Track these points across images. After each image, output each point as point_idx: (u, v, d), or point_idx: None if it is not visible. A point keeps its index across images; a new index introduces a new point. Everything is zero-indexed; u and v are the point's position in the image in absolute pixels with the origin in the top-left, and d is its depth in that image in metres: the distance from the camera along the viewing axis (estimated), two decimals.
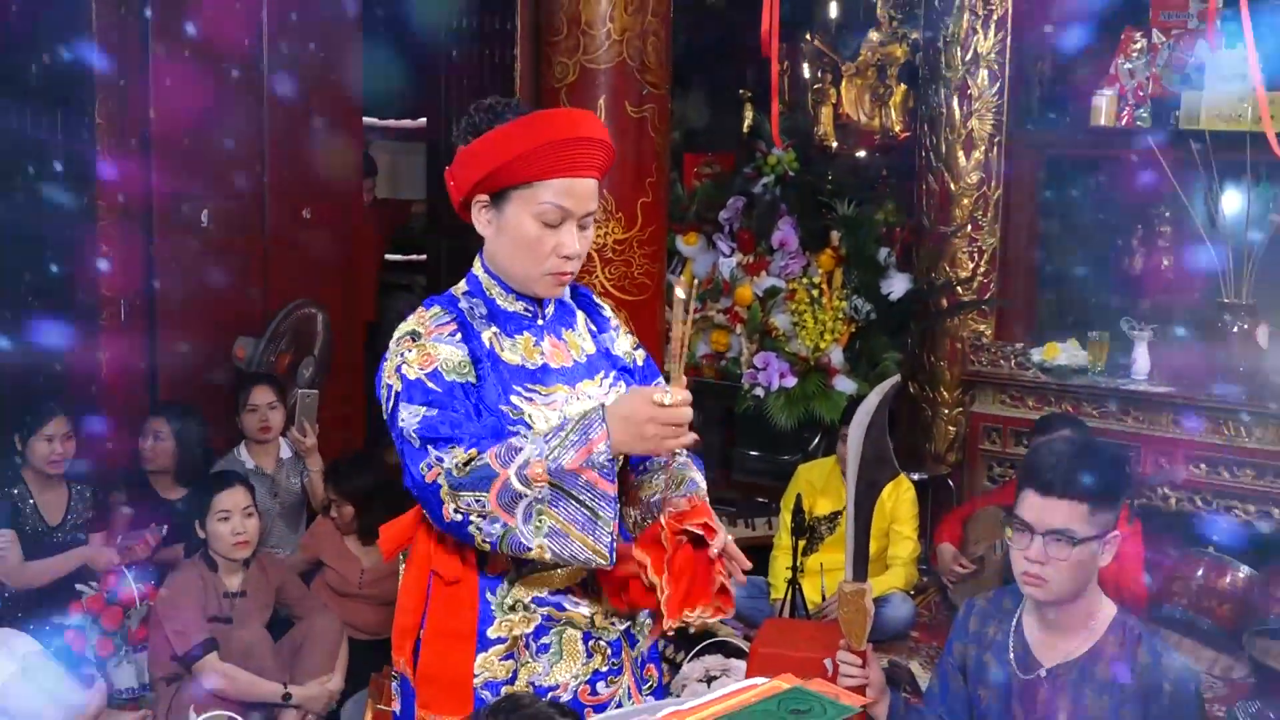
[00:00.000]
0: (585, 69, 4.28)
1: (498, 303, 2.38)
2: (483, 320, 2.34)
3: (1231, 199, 5.61)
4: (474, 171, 2.29)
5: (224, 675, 4.07)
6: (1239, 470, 5.26)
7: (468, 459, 2.15)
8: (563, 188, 2.26)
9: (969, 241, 6.08)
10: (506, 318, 2.37)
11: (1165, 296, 6.06)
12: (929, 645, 5.07)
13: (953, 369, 6.14)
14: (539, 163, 2.24)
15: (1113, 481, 2.66)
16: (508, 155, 2.24)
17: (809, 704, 1.85)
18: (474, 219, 2.35)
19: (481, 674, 2.30)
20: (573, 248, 2.30)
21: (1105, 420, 5.53)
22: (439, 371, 2.24)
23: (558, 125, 2.27)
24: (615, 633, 2.41)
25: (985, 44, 5.93)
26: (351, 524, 4.64)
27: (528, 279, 2.34)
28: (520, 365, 2.32)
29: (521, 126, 2.25)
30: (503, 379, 2.29)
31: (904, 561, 5.16)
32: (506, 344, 2.33)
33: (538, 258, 2.30)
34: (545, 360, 2.36)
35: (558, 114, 2.39)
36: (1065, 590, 2.64)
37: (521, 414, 2.27)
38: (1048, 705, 2.70)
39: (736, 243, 6.44)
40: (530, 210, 2.27)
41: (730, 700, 1.95)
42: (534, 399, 2.30)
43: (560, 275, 2.33)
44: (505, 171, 2.25)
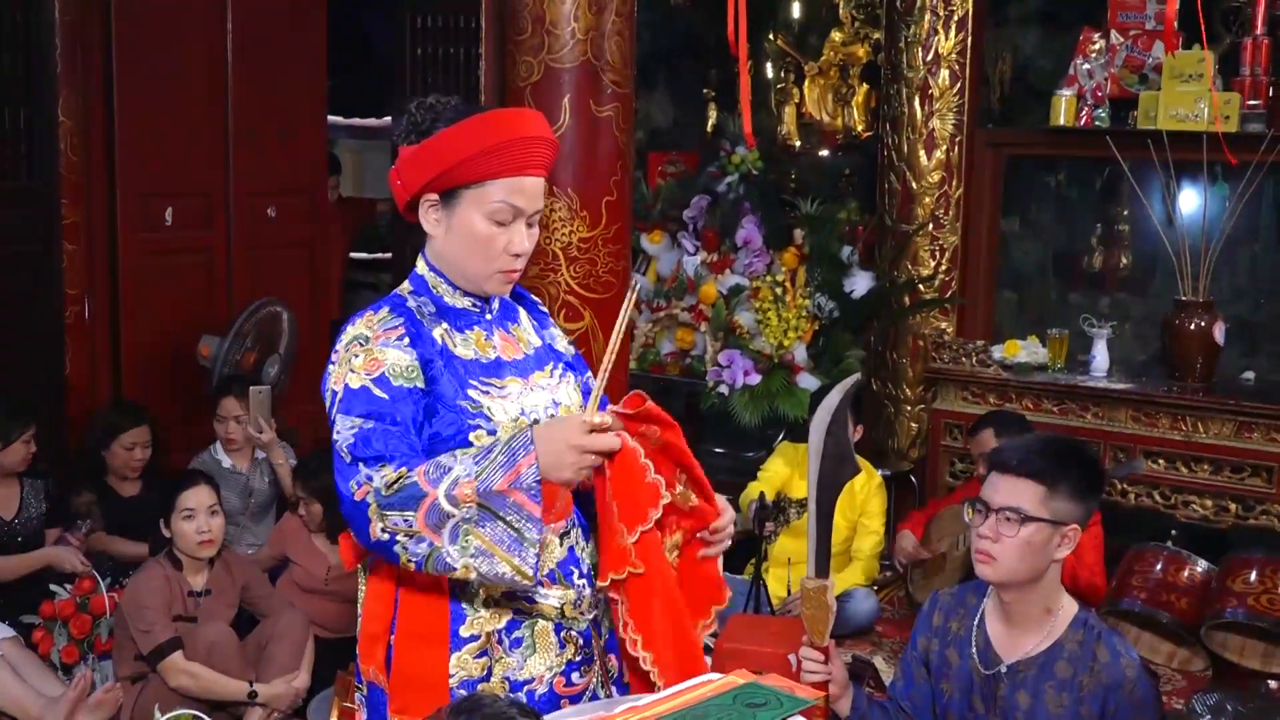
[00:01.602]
0: (550, 68, 4.26)
1: (445, 300, 2.37)
2: (432, 317, 2.33)
3: (1188, 198, 5.66)
4: (423, 172, 2.28)
5: (189, 674, 4.04)
6: (1196, 466, 5.30)
7: (396, 478, 2.13)
8: (514, 186, 2.27)
9: (931, 240, 6.10)
10: (456, 314, 2.36)
11: (1124, 294, 6.12)
12: (892, 640, 5.08)
13: (915, 366, 6.16)
14: (490, 162, 2.24)
15: (1076, 475, 2.68)
16: (459, 155, 2.23)
17: (764, 698, 1.85)
18: (421, 218, 2.34)
19: (457, 673, 2.29)
20: (522, 246, 2.31)
21: (1065, 416, 5.56)
22: (386, 376, 2.22)
23: (508, 125, 2.28)
24: (585, 622, 2.40)
25: (946, 45, 5.95)
26: (321, 522, 4.61)
27: (478, 277, 2.34)
28: (475, 359, 2.32)
29: (472, 126, 2.25)
30: (458, 374, 2.28)
31: (867, 555, 5.18)
32: (459, 339, 2.33)
33: (489, 256, 2.30)
34: (498, 354, 2.36)
35: (506, 114, 2.38)
36: (1015, 571, 2.66)
37: (480, 407, 2.27)
38: (1008, 700, 2.71)
39: (701, 241, 6.44)
40: (482, 209, 2.27)
41: (686, 695, 1.95)
42: (490, 391, 2.29)
43: (510, 273, 2.34)
44: (456, 171, 2.25)
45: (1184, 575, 4.71)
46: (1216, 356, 5.45)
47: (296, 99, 6.25)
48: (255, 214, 6.12)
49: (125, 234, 5.54)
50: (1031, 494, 2.65)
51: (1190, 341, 5.43)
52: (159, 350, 5.67)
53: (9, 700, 4.16)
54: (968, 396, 5.88)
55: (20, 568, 4.66)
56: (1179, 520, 5.30)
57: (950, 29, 5.92)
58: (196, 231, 5.89)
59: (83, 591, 4.45)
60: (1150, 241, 5.84)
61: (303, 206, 6.41)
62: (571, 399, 2.43)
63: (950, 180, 6.06)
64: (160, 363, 5.68)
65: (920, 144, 6.03)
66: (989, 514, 2.68)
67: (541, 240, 2.42)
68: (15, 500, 4.78)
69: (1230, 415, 5.23)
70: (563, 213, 4.25)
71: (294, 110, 6.22)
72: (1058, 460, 2.68)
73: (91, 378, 5.54)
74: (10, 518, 4.76)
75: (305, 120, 6.35)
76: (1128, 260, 6.09)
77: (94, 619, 4.40)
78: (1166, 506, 5.35)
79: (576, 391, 2.47)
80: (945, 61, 5.96)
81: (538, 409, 2.34)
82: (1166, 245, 5.52)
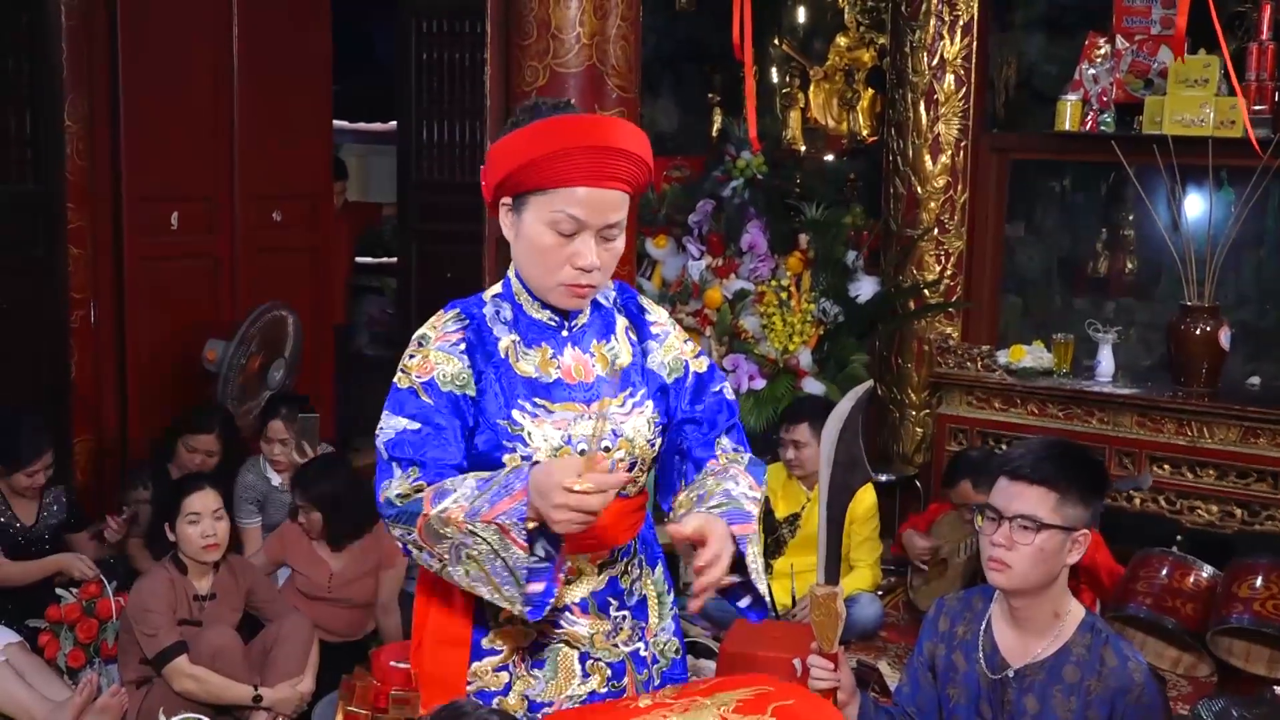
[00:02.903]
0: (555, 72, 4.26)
1: (525, 309, 2.28)
2: (505, 326, 2.26)
3: (1194, 203, 5.65)
4: (496, 172, 2.19)
5: (194, 677, 4.03)
6: (1201, 471, 5.29)
7: (411, 490, 2.12)
8: (579, 197, 2.13)
9: (936, 245, 6.10)
10: (530, 325, 2.27)
11: (1129, 299, 6.11)
12: (897, 645, 5.07)
13: (920, 371, 6.16)
14: (555, 168, 2.12)
15: (1084, 479, 2.67)
16: (526, 157, 2.13)
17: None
18: (500, 221, 2.26)
19: (474, 682, 2.27)
20: (589, 260, 2.16)
21: (1070, 421, 5.55)
22: (435, 382, 2.19)
23: (581, 131, 2.14)
24: (618, 655, 2.34)
25: (951, 50, 5.95)
26: (322, 530, 4.59)
27: (543, 289, 2.23)
28: (533, 378, 2.23)
29: (544, 129, 2.13)
30: (509, 390, 2.21)
31: (869, 563, 5.15)
32: (523, 352, 2.25)
33: (551, 267, 2.18)
34: (560, 375, 2.25)
35: (583, 119, 2.22)
36: (1028, 578, 2.65)
37: (521, 430, 2.19)
38: (1015, 705, 2.70)
39: (706, 246, 6.43)
40: (544, 217, 2.15)
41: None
42: (539, 415, 2.20)
43: (577, 288, 2.20)
44: (522, 174, 2.14)
45: (1189, 581, 4.69)
46: (1222, 362, 5.44)
47: (301, 104, 6.25)
48: (260, 218, 6.11)
49: (131, 238, 5.54)
50: (1044, 501, 2.63)
51: (1195, 347, 5.42)
52: (164, 354, 5.67)
53: (14, 705, 4.15)
54: (973, 401, 5.87)
55: (32, 574, 4.69)
56: (1185, 525, 5.28)
57: (955, 34, 5.92)
58: (202, 236, 5.88)
59: (89, 595, 4.45)
60: (1155, 246, 5.83)
61: (307, 211, 6.40)
62: (639, 432, 2.28)
63: (955, 185, 6.06)
64: (166, 367, 5.67)
65: (925, 149, 6.03)
66: (1001, 521, 2.66)
67: None
68: (35, 506, 4.81)
69: (1236, 420, 5.22)
70: None
71: (299, 115, 6.22)
72: (1066, 466, 2.67)
73: (97, 382, 5.54)
74: (30, 524, 4.79)
75: (310, 125, 6.35)
76: (1133, 265, 6.09)
77: (100, 623, 4.40)
78: (1172, 512, 5.34)
79: (650, 425, 2.30)
80: (950, 66, 5.95)
81: (587, 439, 2.20)
82: (1172, 250, 5.51)
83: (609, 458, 2.21)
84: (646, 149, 2.20)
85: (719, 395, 2.42)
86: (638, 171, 2.18)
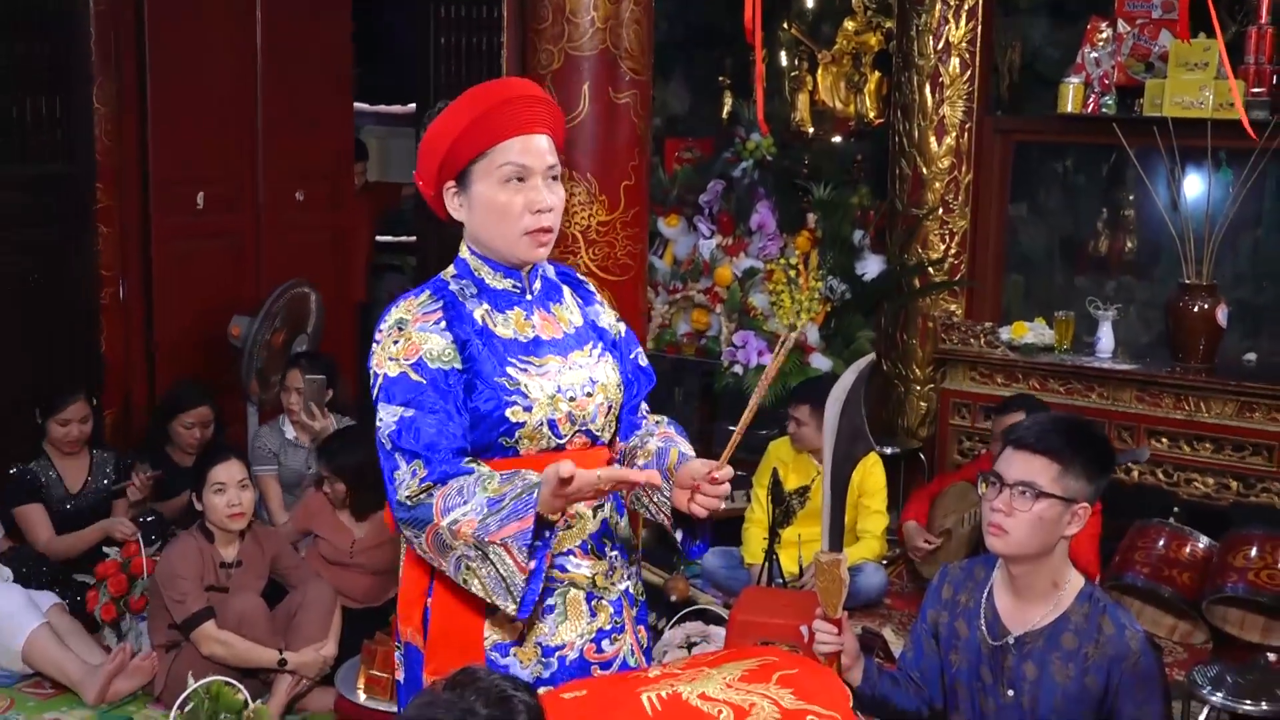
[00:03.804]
0: (570, 56, 4.25)
1: (487, 281, 2.36)
2: (474, 299, 2.33)
3: (1193, 183, 5.63)
4: (431, 160, 2.30)
5: (221, 642, 4.07)
6: (1198, 445, 5.28)
7: (420, 491, 2.17)
8: (515, 147, 2.26)
9: (940, 224, 6.08)
10: (496, 295, 2.35)
11: (1129, 278, 6.09)
12: (901, 612, 5.09)
13: (924, 347, 6.15)
14: (485, 130, 2.24)
15: (1088, 454, 2.67)
16: (454, 134, 2.24)
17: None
18: (448, 207, 2.35)
19: (491, 636, 2.31)
20: (544, 201, 2.27)
21: (1071, 396, 5.55)
22: (423, 360, 2.23)
23: (490, 92, 2.28)
24: (616, 593, 2.42)
25: (957, 33, 5.93)
26: (345, 499, 4.62)
27: (510, 245, 2.31)
28: (513, 338, 2.32)
29: (457, 106, 2.27)
30: (497, 353, 2.28)
31: (875, 534, 5.16)
32: (499, 319, 2.33)
33: (512, 219, 2.27)
34: (536, 333, 2.35)
35: (487, 85, 2.36)
36: (1025, 545, 2.65)
37: (518, 384, 2.27)
38: (1015, 671, 2.71)
39: (716, 225, 6.43)
40: (492, 177, 2.26)
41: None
42: (528, 369, 2.29)
43: (540, 233, 2.30)
44: (456, 151, 2.26)
45: (1186, 551, 4.70)
46: (1219, 338, 5.42)
47: (323, 87, 6.25)
48: (283, 199, 6.12)
49: (158, 218, 5.55)
50: (1046, 471, 2.63)
51: (1193, 324, 5.40)
52: (191, 330, 5.69)
53: (53, 666, 4.21)
54: (976, 377, 5.87)
55: (79, 546, 4.77)
56: (1181, 498, 5.28)
57: (961, 18, 5.89)
58: (227, 216, 5.89)
59: (129, 554, 4.52)
60: (1155, 226, 5.81)
61: (329, 192, 6.41)
62: (609, 377, 2.41)
63: (960, 166, 6.05)
64: (193, 342, 5.69)
65: (931, 130, 6.01)
66: (1003, 488, 2.67)
67: (561, 223, 2.38)
68: (83, 473, 4.89)
69: (1232, 396, 5.22)
70: (582, 197, 4.25)
71: (320, 98, 6.22)
72: (1072, 439, 2.67)
73: (126, 357, 5.57)
74: (77, 490, 4.86)
75: (331, 108, 6.35)
76: (1133, 244, 6.07)
77: (131, 579, 4.45)
78: (1169, 484, 5.34)
79: (615, 370, 2.44)
80: (956, 50, 5.93)
81: (574, 386, 2.33)
82: (1171, 230, 5.49)
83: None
84: (549, 96, 2.37)
85: (635, 360, 2.53)
86: (551, 115, 2.33)
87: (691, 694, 2.06)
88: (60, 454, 4.85)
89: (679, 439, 2.47)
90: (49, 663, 4.21)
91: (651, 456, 2.40)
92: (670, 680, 2.14)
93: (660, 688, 2.09)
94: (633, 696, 2.08)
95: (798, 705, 1.93)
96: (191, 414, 5.11)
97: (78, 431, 4.84)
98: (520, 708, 1.38)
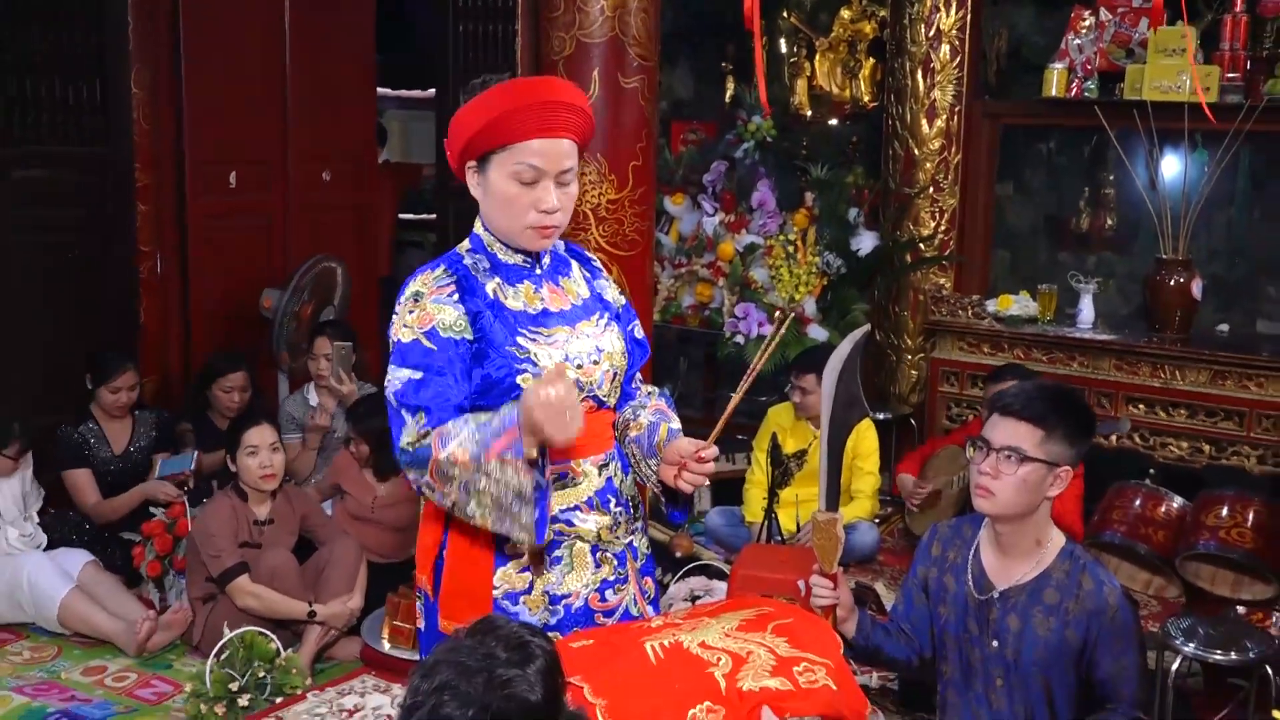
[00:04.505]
0: (581, 43, 4.24)
1: (499, 256, 2.37)
2: (486, 273, 2.33)
3: (1170, 164, 5.60)
4: (458, 139, 2.29)
5: (255, 595, 4.08)
6: (1174, 410, 5.27)
7: (420, 436, 2.19)
8: (535, 148, 2.23)
9: (931, 202, 6.06)
10: (508, 269, 2.36)
11: (1109, 253, 6.07)
12: (892, 568, 5.09)
13: (915, 318, 6.14)
14: (510, 126, 2.22)
15: (1071, 420, 2.67)
16: (483, 121, 2.23)
17: None
18: (467, 182, 2.35)
19: (501, 586, 2.32)
20: (550, 203, 2.26)
21: (1053, 365, 5.53)
22: (435, 329, 2.24)
23: (527, 91, 2.25)
24: (620, 546, 2.43)
25: (947, 21, 5.89)
26: (368, 459, 4.64)
27: (513, 234, 2.32)
28: (523, 310, 2.32)
29: (493, 94, 2.24)
30: (508, 323, 2.29)
31: (868, 494, 5.17)
32: (509, 292, 2.33)
33: (518, 213, 2.28)
34: (545, 305, 2.36)
35: (527, 81, 2.35)
36: (1010, 506, 2.66)
37: (527, 353, 2.28)
38: (1000, 623, 2.72)
39: (719, 203, 6.41)
40: (507, 171, 2.26)
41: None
42: (538, 339, 2.30)
43: (542, 229, 2.30)
44: (483, 136, 2.25)
45: (1161, 510, 4.70)
46: (1194, 311, 5.41)
47: (348, 73, 6.22)
48: (311, 178, 6.11)
49: (193, 197, 5.55)
50: (1030, 436, 2.64)
51: (1170, 297, 5.38)
52: (224, 302, 5.69)
53: (87, 627, 4.26)
54: (964, 347, 5.86)
55: (123, 509, 4.79)
56: (1157, 460, 5.27)
57: (951, 7, 5.85)
58: (258, 194, 5.88)
59: (173, 515, 4.54)
60: (1134, 204, 5.79)
61: (354, 171, 6.39)
62: (614, 345, 2.42)
63: (949, 147, 6.02)
64: (226, 313, 5.70)
65: (922, 114, 5.98)
66: (990, 452, 2.67)
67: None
68: (127, 435, 4.91)
69: (1206, 365, 5.20)
70: (592, 176, 4.24)
71: (345, 83, 6.20)
72: (1055, 406, 2.67)
73: (163, 327, 5.57)
74: (120, 451, 4.88)
75: (356, 92, 6.32)
76: (1113, 222, 6.04)
77: (175, 539, 4.47)
78: (1146, 448, 5.33)
79: (620, 339, 2.45)
80: (946, 37, 5.90)
81: (582, 355, 2.34)
82: (1149, 208, 5.47)
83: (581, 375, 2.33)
84: (585, 101, 2.32)
85: (631, 333, 2.53)
86: (581, 121, 2.29)
87: (692, 643, 2.07)
88: (107, 417, 4.87)
89: (669, 412, 2.49)
90: (84, 625, 4.25)
91: (643, 430, 2.43)
92: (672, 630, 2.14)
93: (662, 636, 2.10)
94: (636, 645, 2.09)
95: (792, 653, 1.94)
96: (229, 379, 5.12)
97: (126, 398, 4.87)
98: (538, 652, 1.41)
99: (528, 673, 1.39)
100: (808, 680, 1.84)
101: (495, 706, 1.34)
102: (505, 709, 1.34)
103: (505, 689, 1.36)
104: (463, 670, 1.38)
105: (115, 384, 4.82)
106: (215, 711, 3.69)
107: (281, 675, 3.85)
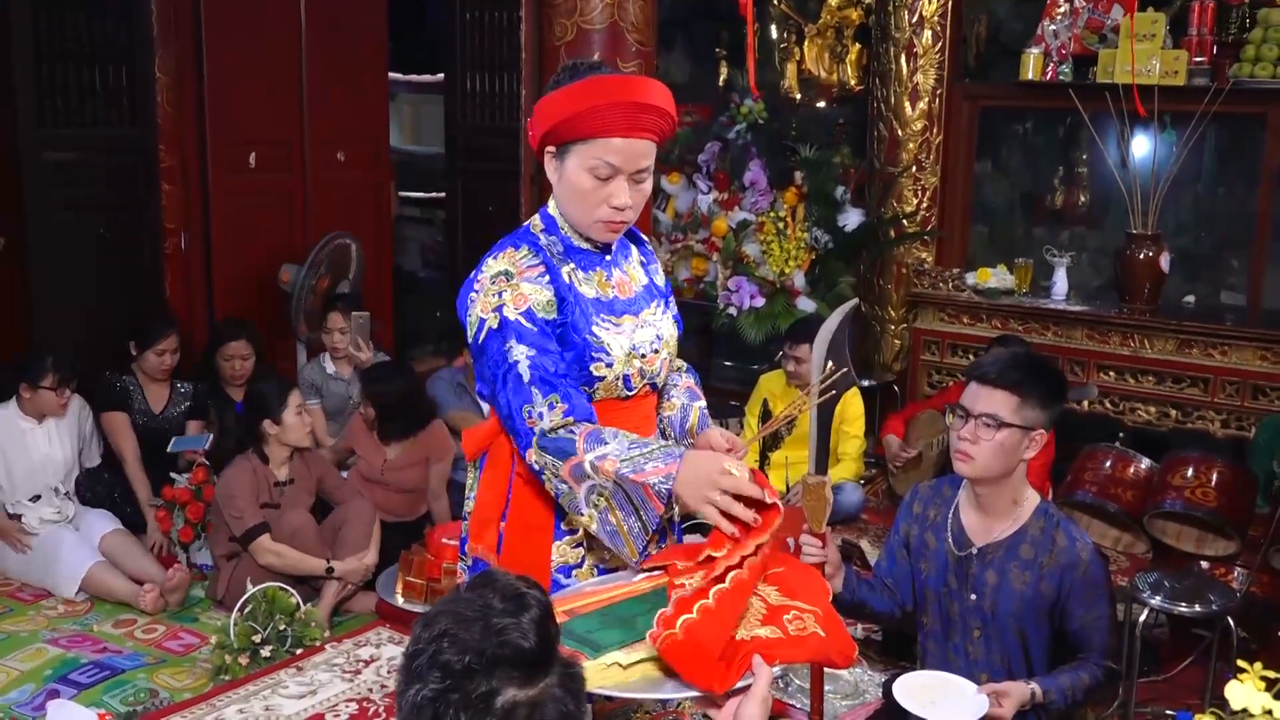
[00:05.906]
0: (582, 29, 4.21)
1: (572, 240, 2.27)
2: (560, 256, 2.24)
3: (1140, 144, 5.58)
4: (542, 124, 2.19)
5: (275, 553, 4.08)
6: (1142, 377, 5.27)
7: (561, 425, 2.08)
8: (615, 146, 2.13)
9: (913, 181, 6.04)
10: (580, 254, 2.26)
11: (1082, 228, 6.06)
12: (876, 526, 5.10)
13: (898, 291, 6.13)
14: (593, 121, 2.12)
15: (1044, 387, 2.67)
16: (569, 112, 2.13)
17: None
18: (545, 166, 2.25)
19: (556, 559, 2.27)
20: (622, 200, 2.16)
21: (1029, 334, 5.52)
22: (532, 310, 2.15)
23: (618, 89, 2.14)
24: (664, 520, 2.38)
25: (930, 8, 5.85)
26: (373, 424, 4.62)
27: (582, 225, 2.23)
28: (596, 297, 2.24)
29: (585, 88, 2.13)
30: (585, 311, 2.20)
31: (854, 457, 5.17)
32: (582, 278, 2.24)
33: (590, 207, 2.18)
34: (615, 293, 2.27)
35: (621, 80, 2.21)
36: (989, 469, 2.66)
37: (602, 343, 2.19)
38: (978, 578, 2.71)
39: (713, 181, 6.39)
40: (584, 164, 2.15)
41: (623, 589, 1.98)
42: (609, 328, 2.22)
43: (611, 224, 2.21)
44: (565, 126, 2.14)
45: (1130, 471, 4.69)
46: (1162, 283, 5.40)
47: (362, 58, 6.18)
48: (327, 159, 6.07)
49: (215, 177, 5.52)
50: (1007, 403, 2.63)
51: (1139, 269, 5.38)
52: (245, 276, 5.67)
53: (109, 594, 4.25)
54: (944, 317, 5.85)
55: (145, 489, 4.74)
56: (1127, 424, 5.28)
57: None
58: (276, 174, 5.85)
59: (197, 481, 4.53)
60: (1106, 182, 5.77)
61: (368, 152, 6.36)
62: (670, 332, 2.35)
63: (931, 128, 5.99)
64: (247, 287, 5.67)
65: (905, 96, 5.95)
66: (969, 419, 2.66)
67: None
68: (164, 399, 4.90)
69: (1173, 334, 5.20)
70: None
71: (359, 68, 6.15)
72: (1029, 374, 2.67)
73: (188, 301, 5.55)
74: (159, 411, 4.88)
75: (369, 76, 6.28)
76: (1086, 198, 6.03)
77: (206, 506, 4.47)
78: (1116, 413, 5.33)
79: (674, 325, 2.38)
80: (928, 23, 5.86)
81: (644, 344, 2.26)
82: (1120, 185, 5.45)
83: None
84: (671, 104, 2.21)
85: (676, 314, 2.46)
86: (664, 123, 2.19)
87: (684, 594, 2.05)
88: (149, 379, 4.86)
89: (697, 391, 2.44)
90: (106, 592, 4.26)
91: (675, 411, 2.38)
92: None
93: (658, 586, 2.08)
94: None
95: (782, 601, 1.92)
96: (230, 348, 5.06)
97: (170, 360, 4.86)
98: (532, 602, 1.43)
99: (522, 621, 1.40)
100: (797, 628, 1.83)
101: (490, 652, 1.36)
102: (500, 654, 1.36)
103: (500, 636, 1.37)
104: (460, 619, 1.40)
105: (160, 346, 4.82)
106: (239, 662, 3.69)
107: (301, 628, 3.86)
